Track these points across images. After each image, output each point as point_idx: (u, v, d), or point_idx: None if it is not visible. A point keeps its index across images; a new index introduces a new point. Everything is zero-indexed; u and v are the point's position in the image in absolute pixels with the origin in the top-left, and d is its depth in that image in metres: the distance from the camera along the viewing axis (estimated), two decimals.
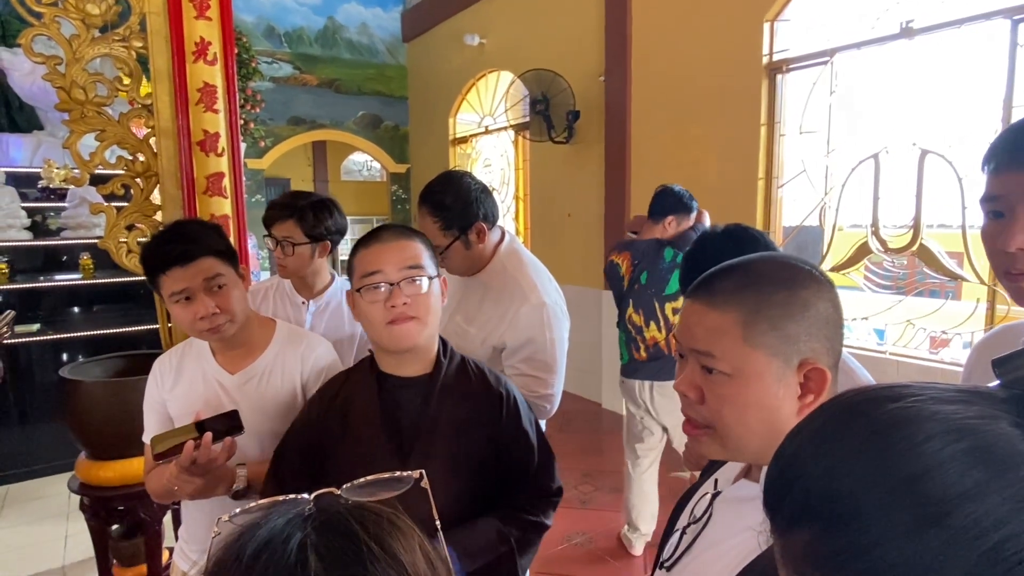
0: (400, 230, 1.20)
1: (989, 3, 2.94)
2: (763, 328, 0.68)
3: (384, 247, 1.15)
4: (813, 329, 0.68)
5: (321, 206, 2.00)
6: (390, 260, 1.13)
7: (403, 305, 1.11)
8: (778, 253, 0.77)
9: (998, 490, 0.32)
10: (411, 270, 1.14)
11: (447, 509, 1.17)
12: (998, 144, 0.84)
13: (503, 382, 1.27)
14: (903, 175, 3.27)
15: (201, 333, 1.32)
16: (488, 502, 1.21)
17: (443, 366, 1.21)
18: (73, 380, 2.26)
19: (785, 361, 0.68)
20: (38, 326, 3.89)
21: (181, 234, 1.31)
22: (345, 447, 1.17)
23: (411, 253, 1.15)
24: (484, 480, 1.20)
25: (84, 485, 2.25)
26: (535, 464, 1.26)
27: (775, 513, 0.39)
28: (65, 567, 2.89)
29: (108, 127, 1.93)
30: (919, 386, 0.38)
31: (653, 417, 2.80)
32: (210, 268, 1.29)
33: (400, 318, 1.12)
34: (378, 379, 1.20)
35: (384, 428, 1.16)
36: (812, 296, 0.69)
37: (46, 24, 1.84)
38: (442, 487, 1.16)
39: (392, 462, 1.14)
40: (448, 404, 1.18)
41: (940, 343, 3.30)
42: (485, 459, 1.19)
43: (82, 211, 4.26)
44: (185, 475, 1.19)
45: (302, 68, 7.39)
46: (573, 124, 5.21)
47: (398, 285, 1.12)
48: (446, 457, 1.16)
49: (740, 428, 0.69)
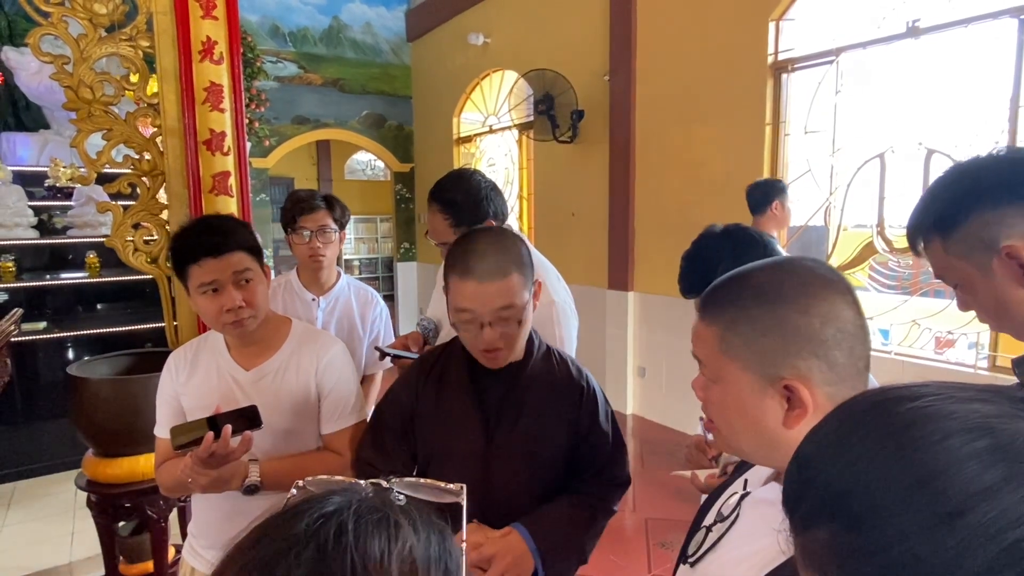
0: (496, 264, 1.15)
1: (996, 2, 2.93)
2: (736, 342, 0.70)
3: (479, 288, 1.13)
4: (792, 347, 0.67)
5: (335, 199, 2.12)
6: (483, 302, 1.14)
7: (495, 339, 1.16)
8: (788, 261, 0.75)
9: (1015, 489, 0.32)
10: (503, 311, 1.15)
11: (521, 488, 1.23)
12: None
13: (584, 374, 1.32)
14: (909, 175, 3.26)
15: (224, 326, 1.34)
16: (559, 485, 1.27)
17: (533, 355, 1.27)
18: (80, 378, 2.27)
19: (760, 375, 0.68)
20: (45, 324, 3.90)
21: (215, 227, 1.33)
22: (437, 418, 1.25)
23: (504, 293, 1.14)
24: (558, 464, 1.26)
25: (91, 482, 2.26)
26: (607, 454, 1.31)
27: (794, 512, 0.39)
28: (72, 563, 2.91)
29: (115, 126, 1.94)
30: (937, 385, 0.38)
31: None
32: (240, 262, 1.31)
33: (491, 349, 1.18)
34: (470, 359, 1.25)
35: (474, 405, 1.23)
36: (793, 313, 0.67)
37: (54, 23, 1.85)
38: (520, 466, 1.23)
39: (477, 439, 1.22)
40: (533, 390, 1.24)
41: (945, 343, 3.29)
42: (562, 445, 1.26)
43: (89, 210, 4.28)
44: (200, 467, 1.20)
45: (307, 67, 7.40)
46: (577, 123, 5.21)
47: (489, 324, 1.15)
48: (527, 439, 1.22)
49: (726, 428, 0.74)
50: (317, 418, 1.46)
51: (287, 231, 2.08)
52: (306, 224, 2.02)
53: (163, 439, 1.43)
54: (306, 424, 1.45)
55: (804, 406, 0.67)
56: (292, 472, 1.36)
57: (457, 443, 1.24)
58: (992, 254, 0.88)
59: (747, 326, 0.69)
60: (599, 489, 1.30)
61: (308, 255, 2.04)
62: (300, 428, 1.44)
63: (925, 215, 0.95)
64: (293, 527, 0.44)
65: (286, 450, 1.41)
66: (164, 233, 2.01)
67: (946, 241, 0.92)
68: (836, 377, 0.68)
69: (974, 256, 0.90)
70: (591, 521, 1.27)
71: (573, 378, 1.29)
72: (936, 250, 0.94)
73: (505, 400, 1.23)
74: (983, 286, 0.91)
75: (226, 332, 1.38)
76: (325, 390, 1.45)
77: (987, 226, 0.88)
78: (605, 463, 1.31)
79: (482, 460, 1.22)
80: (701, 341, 0.74)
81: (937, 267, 0.96)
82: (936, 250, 0.94)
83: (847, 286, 0.70)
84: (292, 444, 1.43)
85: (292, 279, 2.12)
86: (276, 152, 7.29)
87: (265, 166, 7.23)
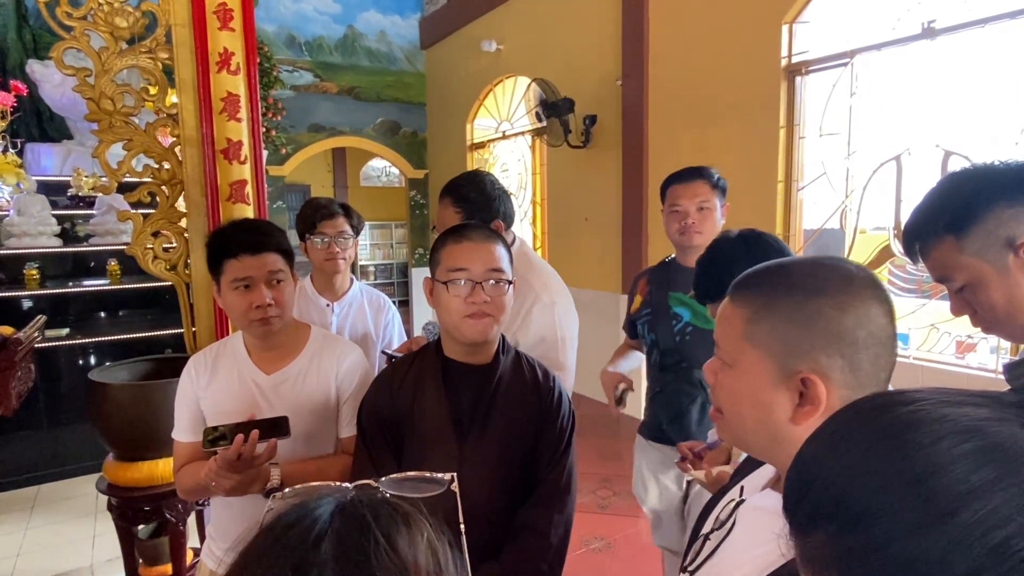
0: (487, 232, 1.29)
1: (1012, 1, 2.89)
2: (763, 328, 0.69)
3: (474, 247, 1.24)
4: (820, 341, 0.66)
5: (350, 207, 2.19)
6: (477, 260, 1.22)
7: (483, 303, 1.21)
8: (831, 258, 0.73)
9: (1005, 488, 0.32)
10: (495, 272, 1.23)
11: (492, 490, 1.23)
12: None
13: (552, 378, 1.35)
14: (926, 177, 3.22)
15: (251, 323, 1.38)
16: (529, 483, 1.28)
17: (502, 359, 1.30)
18: (101, 383, 2.31)
19: (780, 366, 0.67)
20: (67, 330, 3.98)
21: (255, 227, 1.41)
22: (413, 424, 1.28)
23: (496, 256, 1.24)
24: (525, 463, 1.28)
25: (111, 486, 2.30)
26: (553, 457, 1.30)
27: (794, 516, 0.40)
28: (93, 565, 2.96)
29: (135, 136, 1.98)
30: (930, 390, 0.39)
31: None
32: (275, 263, 1.37)
33: (478, 314, 1.22)
34: (443, 364, 1.30)
35: (448, 410, 1.26)
36: (829, 307, 0.66)
37: (76, 37, 1.90)
38: (493, 467, 1.24)
39: (451, 442, 1.25)
40: (503, 393, 1.28)
41: (966, 348, 3.23)
42: (528, 443, 1.28)
43: (110, 218, 4.36)
44: (225, 470, 1.23)
45: (322, 76, 7.50)
46: (590, 128, 5.22)
47: (481, 284, 1.21)
48: (498, 441, 1.25)
49: (734, 417, 0.73)
50: (336, 422, 1.49)
51: (304, 237, 2.12)
52: (326, 229, 2.06)
53: (182, 443, 1.46)
54: (325, 428, 1.47)
55: (816, 403, 0.66)
56: (313, 475, 1.38)
57: (431, 446, 1.25)
58: (1008, 251, 0.90)
59: (778, 313, 0.68)
60: (536, 531, 1.25)
61: (326, 259, 2.07)
62: (320, 432, 1.46)
63: (935, 215, 0.95)
64: (299, 533, 0.45)
65: (306, 454, 1.43)
66: (183, 241, 2.05)
67: (961, 240, 0.92)
68: (856, 382, 0.66)
69: (989, 254, 0.91)
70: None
71: (540, 381, 1.32)
72: (947, 250, 0.94)
73: (477, 403, 1.26)
74: (997, 284, 0.91)
75: (251, 330, 1.41)
76: (344, 395, 1.48)
77: (1003, 224, 0.90)
78: (549, 465, 1.28)
79: (456, 465, 1.23)
80: (725, 322, 0.73)
81: (946, 268, 0.95)
82: (947, 250, 0.94)
83: (887, 295, 0.68)
84: (312, 448, 1.45)
85: (306, 285, 2.15)
86: (293, 160, 7.38)
87: (282, 174, 7.32)
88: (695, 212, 1.88)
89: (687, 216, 1.88)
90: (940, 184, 0.99)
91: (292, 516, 0.46)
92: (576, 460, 1.35)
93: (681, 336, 1.88)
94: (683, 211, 1.89)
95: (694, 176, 1.90)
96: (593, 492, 3.61)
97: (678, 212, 1.90)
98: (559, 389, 1.33)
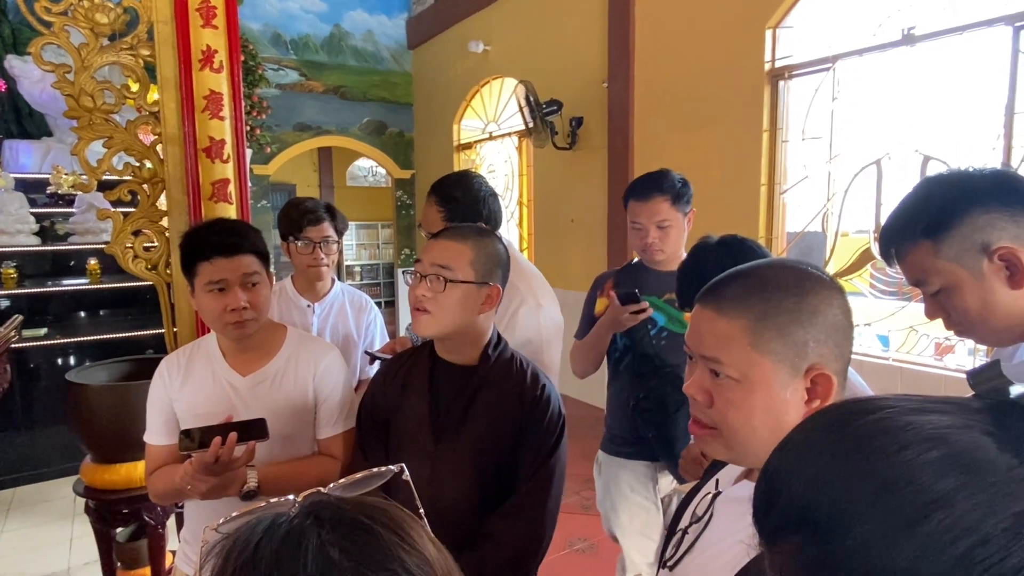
0: (458, 232, 1.29)
1: (991, 10, 2.94)
2: (770, 335, 0.69)
3: (433, 242, 1.26)
4: (821, 335, 0.69)
5: (334, 208, 2.16)
6: (429, 254, 1.24)
7: (419, 297, 1.21)
8: (786, 259, 0.77)
9: (968, 496, 0.32)
10: (438, 268, 1.22)
11: (465, 492, 1.22)
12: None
13: (541, 383, 1.30)
14: (906, 181, 3.27)
15: (225, 326, 1.35)
16: (504, 489, 1.25)
17: (489, 359, 1.29)
18: (79, 384, 2.28)
19: (792, 367, 0.69)
20: (45, 330, 3.92)
21: (230, 228, 1.38)
22: (399, 418, 1.29)
23: (448, 253, 1.23)
24: (502, 468, 1.25)
25: (89, 488, 2.26)
26: (533, 464, 1.25)
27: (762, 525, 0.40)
28: (70, 569, 2.91)
29: (115, 134, 1.96)
30: (895, 398, 0.39)
31: None
32: (250, 265, 1.34)
33: (415, 306, 1.23)
34: (432, 362, 1.30)
35: (427, 408, 1.26)
36: (821, 302, 0.69)
37: (56, 33, 1.87)
38: (466, 469, 1.22)
39: (427, 441, 1.25)
40: (483, 394, 1.26)
41: (944, 349, 3.28)
42: (507, 449, 1.25)
43: (89, 217, 4.30)
44: (201, 473, 1.21)
45: (308, 75, 7.45)
46: (576, 130, 5.23)
47: (425, 278, 1.21)
48: (473, 442, 1.23)
49: (746, 431, 0.70)
50: (313, 424, 1.47)
51: (287, 238, 2.10)
52: (311, 235, 2.05)
53: (155, 446, 1.43)
54: (302, 430, 1.46)
55: (827, 395, 0.68)
56: (290, 477, 1.38)
57: (409, 443, 1.26)
58: (983, 257, 0.91)
59: (784, 316, 0.69)
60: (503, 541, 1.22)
61: (310, 264, 2.06)
62: (297, 434, 1.44)
63: (912, 220, 0.97)
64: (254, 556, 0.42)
65: (282, 455, 1.42)
66: (164, 240, 2.02)
67: (938, 244, 0.94)
68: (842, 368, 0.71)
69: (965, 259, 0.92)
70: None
71: (526, 385, 1.27)
72: (924, 254, 0.95)
73: (455, 404, 1.25)
74: (972, 289, 0.93)
75: (226, 333, 1.38)
76: (322, 396, 1.46)
77: (979, 229, 0.91)
78: (528, 474, 1.24)
79: (430, 461, 1.23)
80: (722, 339, 0.70)
81: (922, 272, 0.97)
82: (924, 254, 0.95)
83: (839, 285, 0.74)
84: (288, 450, 1.43)
85: (287, 286, 2.14)
86: (278, 159, 7.32)
87: (267, 173, 7.26)
88: (655, 230, 1.82)
89: (647, 235, 1.82)
90: (916, 189, 1.00)
91: (273, 545, 0.43)
92: (563, 471, 1.29)
93: (658, 340, 1.84)
94: (643, 229, 1.83)
95: (652, 191, 1.82)
96: (577, 493, 3.62)
97: (639, 230, 1.85)
98: (548, 396, 1.28)
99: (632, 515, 1.93)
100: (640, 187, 1.86)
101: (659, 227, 1.82)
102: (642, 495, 1.92)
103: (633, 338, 1.85)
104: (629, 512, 1.94)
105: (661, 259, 1.85)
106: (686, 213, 1.87)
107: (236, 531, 0.45)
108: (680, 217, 1.85)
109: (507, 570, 1.20)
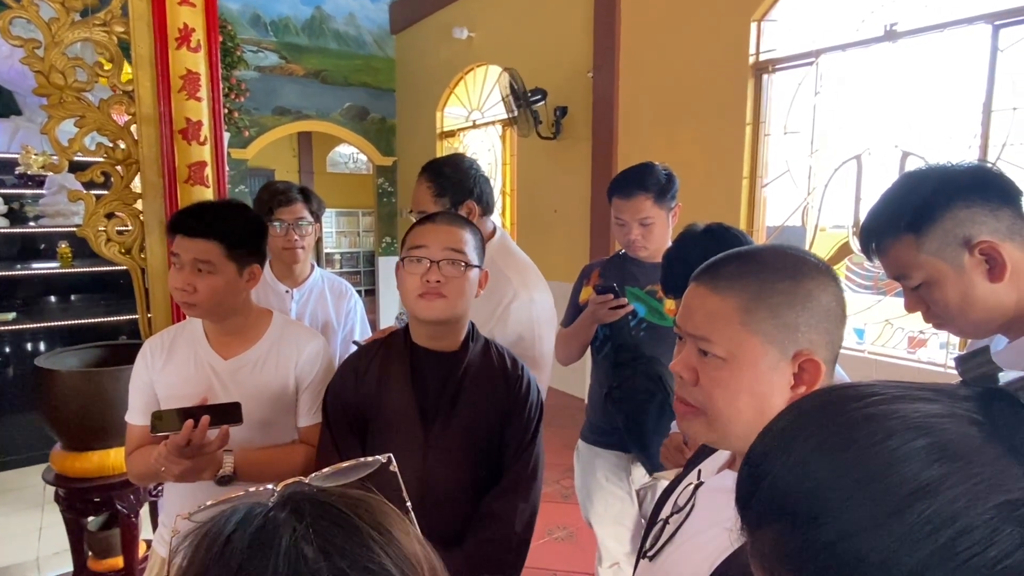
0: (453, 217, 1.32)
1: (971, 8, 2.98)
2: (762, 315, 0.69)
3: (435, 227, 1.26)
4: (813, 321, 0.69)
5: (311, 191, 2.12)
6: (436, 239, 1.23)
7: (436, 283, 1.21)
8: (788, 245, 0.77)
9: (952, 487, 0.32)
10: (452, 252, 1.23)
11: (458, 479, 1.24)
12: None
13: (521, 366, 1.35)
14: (885, 176, 3.31)
15: (179, 301, 1.38)
16: (495, 471, 1.28)
17: (470, 346, 1.30)
18: (48, 370, 2.22)
19: (781, 350, 0.69)
20: (14, 315, 3.81)
21: (201, 211, 1.38)
22: (378, 409, 1.27)
23: (456, 238, 1.24)
24: (491, 449, 1.28)
25: (59, 476, 2.21)
26: (520, 444, 1.30)
27: (745, 511, 0.40)
28: (39, 559, 2.85)
29: (88, 113, 1.89)
30: (882, 385, 0.38)
31: None
32: (204, 252, 1.32)
33: (430, 292, 1.21)
34: (412, 350, 1.29)
35: (414, 396, 1.25)
36: (816, 288, 0.70)
37: (24, 6, 1.80)
38: (458, 454, 1.24)
39: (416, 429, 1.24)
40: (470, 381, 1.27)
41: (918, 343, 3.36)
42: (495, 431, 1.28)
43: (60, 198, 4.18)
44: (175, 455, 1.20)
45: (288, 58, 7.31)
46: (561, 120, 5.21)
47: (437, 264, 1.21)
48: (464, 430, 1.25)
49: (730, 411, 0.70)
50: (294, 411, 1.46)
51: None
52: (283, 216, 2.01)
53: (135, 426, 1.42)
54: (283, 416, 1.44)
55: (814, 382, 0.68)
56: (266, 463, 1.37)
57: (397, 432, 1.25)
58: (964, 251, 0.92)
59: (777, 296, 0.69)
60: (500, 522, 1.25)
61: (283, 247, 2.02)
62: (277, 420, 1.43)
63: (894, 214, 0.97)
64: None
65: (262, 441, 1.40)
66: (138, 223, 1.97)
67: (920, 239, 0.94)
68: (832, 356, 0.71)
69: (946, 253, 0.93)
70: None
71: (508, 370, 1.32)
72: (906, 248, 0.96)
73: (443, 390, 1.26)
74: (953, 283, 0.94)
75: (181, 307, 1.40)
76: (304, 384, 1.45)
77: (960, 224, 0.92)
78: (516, 454, 1.29)
79: (421, 451, 1.23)
80: (713, 317, 0.71)
81: (903, 266, 0.98)
82: (906, 248, 0.96)
83: (834, 273, 0.74)
84: (268, 436, 1.42)
85: (265, 270, 2.10)
86: (256, 143, 7.19)
87: (245, 157, 7.13)
88: (638, 227, 1.81)
89: (630, 231, 1.82)
90: (897, 184, 1.01)
91: (247, 537, 0.41)
92: (543, 450, 1.35)
93: (637, 331, 1.85)
94: (627, 225, 1.83)
95: (635, 189, 1.80)
96: (557, 482, 3.64)
97: (622, 226, 1.85)
98: (527, 378, 1.33)
99: (607, 504, 1.95)
100: (623, 184, 1.84)
101: (642, 224, 1.82)
102: (616, 484, 1.94)
103: (613, 328, 1.86)
104: (604, 501, 1.95)
105: (645, 255, 1.86)
106: (671, 209, 1.86)
107: (210, 521, 0.43)
108: (664, 214, 1.84)
109: (519, 545, 1.26)
